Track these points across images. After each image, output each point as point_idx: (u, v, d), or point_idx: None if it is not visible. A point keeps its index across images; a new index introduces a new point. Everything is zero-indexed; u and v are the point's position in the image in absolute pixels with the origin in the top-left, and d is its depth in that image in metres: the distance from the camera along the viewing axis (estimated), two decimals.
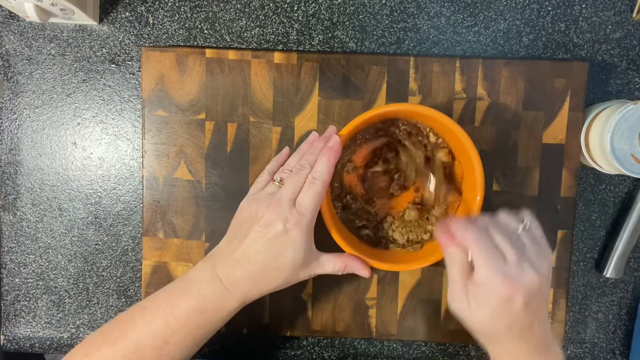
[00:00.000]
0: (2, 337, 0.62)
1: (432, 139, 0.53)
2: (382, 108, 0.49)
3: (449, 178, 0.54)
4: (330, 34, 0.58)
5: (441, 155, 0.53)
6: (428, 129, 0.53)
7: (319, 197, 0.45)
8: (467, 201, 0.52)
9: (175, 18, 0.58)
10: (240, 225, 0.47)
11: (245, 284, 0.46)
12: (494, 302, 0.40)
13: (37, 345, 0.62)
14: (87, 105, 0.59)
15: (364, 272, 0.51)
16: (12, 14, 0.58)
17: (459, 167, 0.54)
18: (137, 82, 0.59)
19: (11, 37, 0.59)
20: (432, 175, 0.55)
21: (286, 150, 0.54)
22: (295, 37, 0.58)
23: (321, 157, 0.46)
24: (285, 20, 0.58)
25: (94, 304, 0.61)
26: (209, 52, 0.56)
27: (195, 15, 0.58)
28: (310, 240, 0.46)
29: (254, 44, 0.58)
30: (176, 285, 0.47)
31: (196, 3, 0.58)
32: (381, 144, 0.55)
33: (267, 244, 0.45)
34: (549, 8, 0.57)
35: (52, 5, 0.51)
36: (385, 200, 0.56)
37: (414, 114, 0.51)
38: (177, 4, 0.58)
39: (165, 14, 0.58)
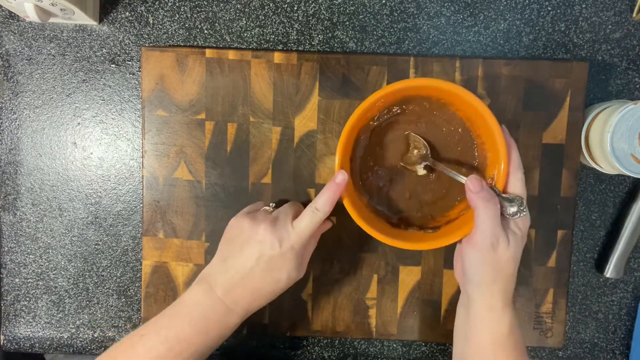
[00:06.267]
0: (2, 337, 0.62)
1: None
2: (397, 85, 0.48)
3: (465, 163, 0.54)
4: (330, 34, 0.58)
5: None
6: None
7: (316, 225, 0.47)
8: (492, 170, 0.51)
9: (175, 18, 0.58)
10: (233, 243, 0.48)
11: (245, 301, 0.47)
12: (521, 243, 0.47)
13: (37, 345, 0.62)
14: (87, 105, 0.59)
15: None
16: (12, 14, 0.58)
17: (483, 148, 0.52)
18: (137, 82, 0.59)
19: (11, 37, 0.59)
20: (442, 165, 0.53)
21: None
22: (295, 37, 0.58)
23: (326, 190, 0.47)
24: (285, 20, 0.58)
25: (94, 304, 0.61)
26: (209, 52, 0.56)
27: (195, 15, 0.58)
28: (301, 256, 0.48)
29: (254, 44, 0.58)
30: (176, 309, 0.47)
31: (196, 3, 0.58)
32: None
33: (264, 262, 0.46)
34: (549, 8, 0.57)
35: (52, 5, 0.51)
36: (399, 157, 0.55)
37: (432, 89, 0.49)
38: (177, 4, 0.58)
39: (165, 14, 0.58)
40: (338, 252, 0.58)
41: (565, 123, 0.56)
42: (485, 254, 0.45)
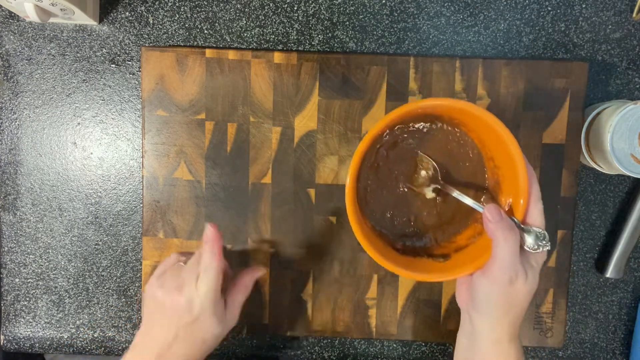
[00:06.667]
0: (2, 337, 0.62)
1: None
2: (417, 103, 0.44)
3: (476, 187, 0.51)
4: (330, 34, 0.58)
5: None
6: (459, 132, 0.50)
7: (216, 280, 0.47)
8: (506, 197, 0.48)
9: (175, 18, 0.58)
10: (154, 315, 0.48)
11: None
12: (538, 277, 0.45)
13: (37, 345, 0.62)
14: (87, 105, 0.59)
15: (260, 272, 0.53)
16: (12, 14, 0.58)
17: (495, 173, 0.49)
18: (137, 82, 0.59)
19: (11, 37, 0.59)
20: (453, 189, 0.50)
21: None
22: (295, 37, 0.58)
23: (205, 252, 0.47)
24: (285, 20, 0.58)
25: (94, 304, 0.61)
26: (209, 52, 0.56)
27: (195, 15, 0.58)
28: (220, 310, 0.48)
29: (254, 44, 0.58)
30: None
31: (196, 3, 0.58)
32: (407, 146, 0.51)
33: (183, 330, 0.46)
34: (549, 8, 0.57)
35: (52, 5, 0.51)
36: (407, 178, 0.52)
37: (450, 109, 0.46)
38: (177, 4, 0.58)
39: (165, 14, 0.58)
40: (338, 252, 0.58)
41: (565, 123, 0.56)
42: (502, 289, 0.43)
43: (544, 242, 0.44)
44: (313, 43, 0.58)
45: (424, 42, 0.58)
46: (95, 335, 0.62)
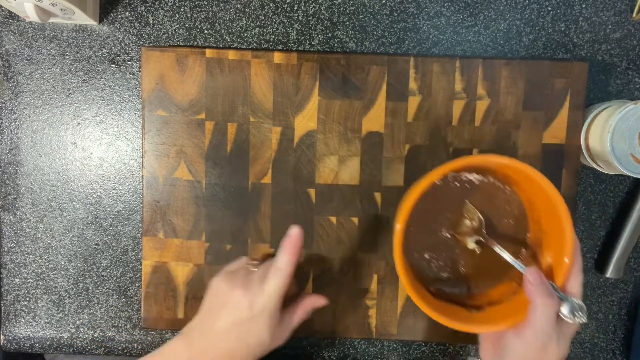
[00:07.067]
0: (2, 337, 0.62)
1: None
2: (476, 158, 0.46)
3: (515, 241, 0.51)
4: (330, 34, 0.58)
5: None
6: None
7: (284, 285, 0.47)
8: (546, 259, 0.49)
9: (175, 18, 0.58)
10: (212, 304, 0.49)
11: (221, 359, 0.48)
12: (568, 346, 0.45)
13: (37, 345, 0.62)
14: (87, 105, 0.59)
15: (321, 302, 0.52)
16: (12, 14, 0.58)
17: (537, 227, 0.50)
18: (137, 82, 0.59)
19: (11, 37, 0.59)
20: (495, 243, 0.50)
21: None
22: (295, 37, 0.58)
23: (284, 247, 0.48)
24: (285, 20, 0.58)
25: (94, 304, 0.61)
26: (209, 52, 0.56)
27: (195, 15, 0.58)
28: (276, 319, 0.48)
29: (254, 44, 0.58)
30: (154, 359, 0.48)
31: (196, 3, 0.58)
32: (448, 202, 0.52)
33: (237, 325, 0.47)
34: (549, 8, 0.57)
35: (52, 5, 0.51)
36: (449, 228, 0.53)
37: (507, 167, 0.47)
38: (177, 4, 0.58)
39: (165, 14, 0.58)
40: (338, 252, 0.58)
41: (565, 123, 0.56)
42: (535, 353, 0.43)
43: (580, 313, 0.44)
44: (313, 43, 0.58)
45: (424, 42, 0.58)
46: (95, 335, 0.62)
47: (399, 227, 0.46)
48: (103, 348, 0.62)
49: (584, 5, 0.57)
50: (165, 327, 0.59)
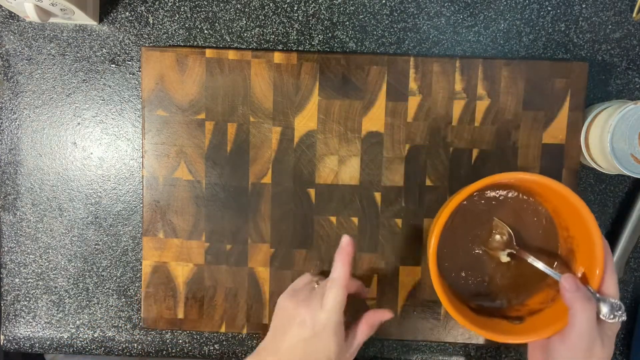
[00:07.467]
0: (2, 337, 0.62)
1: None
2: (499, 176, 0.47)
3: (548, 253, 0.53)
4: (330, 34, 0.58)
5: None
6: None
7: (342, 297, 0.47)
8: (578, 263, 0.50)
9: (175, 18, 0.58)
10: (280, 322, 0.50)
11: None
12: (612, 346, 0.46)
13: (37, 345, 0.62)
14: (87, 105, 0.59)
15: (387, 316, 0.52)
16: (12, 14, 0.58)
17: (568, 239, 0.51)
18: (137, 82, 0.59)
19: (11, 37, 0.59)
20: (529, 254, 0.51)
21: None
22: (295, 37, 0.58)
23: (338, 259, 0.49)
24: (285, 20, 0.58)
25: (94, 304, 0.61)
26: (209, 52, 0.56)
27: (195, 15, 0.58)
28: (341, 333, 0.48)
29: (254, 44, 0.58)
30: None
31: (196, 3, 0.58)
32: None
33: (302, 343, 0.47)
34: (549, 8, 0.57)
35: (52, 5, 0.51)
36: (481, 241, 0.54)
37: (530, 183, 0.48)
38: (177, 4, 0.58)
39: (165, 14, 0.58)
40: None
41: (565, 123, 0.56)
42: (581, 357, 0.44)
43: (620, 312, 0.45)
44: (313, 43, 0.58)
45: (424, 42, 0.58)
46: (95, 335, 0.62)
47: (432, 251, 0.47)
48: (103, 348, 0.62)
49: (584, 5, 0.57)
50: (165, 327, 0.59)
